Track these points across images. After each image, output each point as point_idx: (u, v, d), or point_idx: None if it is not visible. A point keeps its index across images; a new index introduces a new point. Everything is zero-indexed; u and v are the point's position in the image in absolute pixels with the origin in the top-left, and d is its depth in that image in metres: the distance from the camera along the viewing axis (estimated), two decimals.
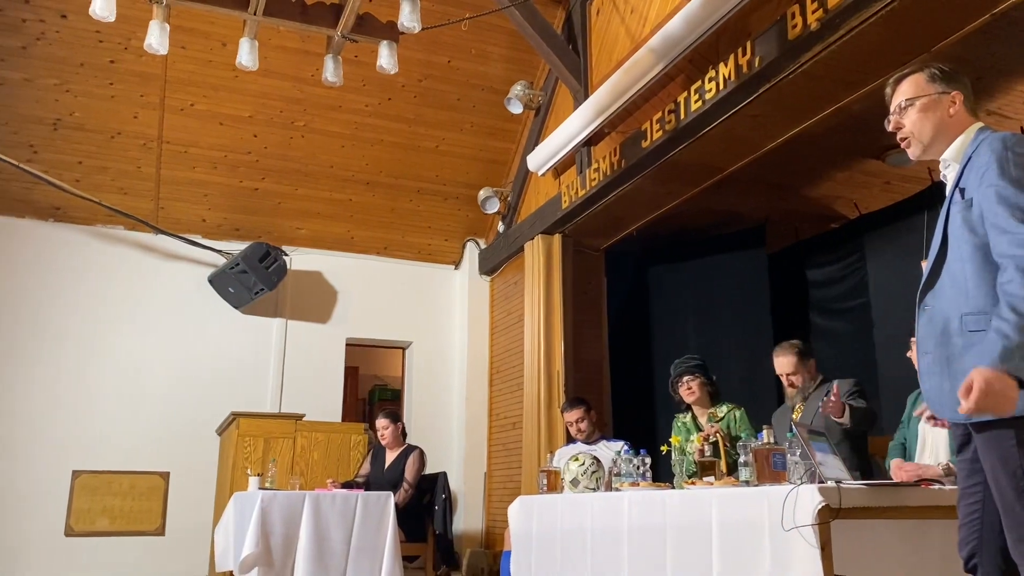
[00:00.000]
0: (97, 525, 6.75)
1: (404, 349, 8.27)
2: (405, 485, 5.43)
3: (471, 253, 8.11)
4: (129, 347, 7.03)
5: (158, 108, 6.53)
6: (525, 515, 4.33)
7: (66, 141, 6.59)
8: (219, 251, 7.19)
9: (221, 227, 7.39)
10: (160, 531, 6.90)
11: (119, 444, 6.86)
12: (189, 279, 7.27)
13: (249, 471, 5.43)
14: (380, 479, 5.58)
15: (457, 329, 8.10)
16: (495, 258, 7.73)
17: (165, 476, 6.99)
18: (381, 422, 5.68)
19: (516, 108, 6.71)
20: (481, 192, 7.38)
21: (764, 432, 3.06)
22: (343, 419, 7.58)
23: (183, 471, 6.99)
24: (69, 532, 6.66)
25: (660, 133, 5.08)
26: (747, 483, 3.05)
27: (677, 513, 3.10)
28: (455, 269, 8.27)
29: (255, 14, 4.08)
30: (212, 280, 7.21)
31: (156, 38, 4.06)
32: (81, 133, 6.58)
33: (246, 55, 4.26)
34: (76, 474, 6.75)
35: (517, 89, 6.68)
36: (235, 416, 5.97)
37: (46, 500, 6.61)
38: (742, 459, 3.14)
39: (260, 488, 5.04)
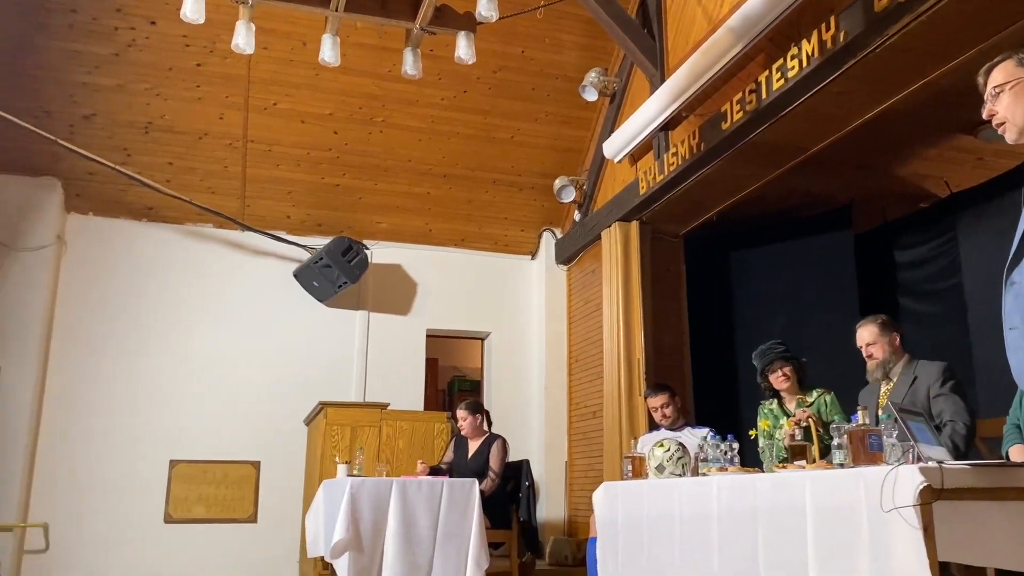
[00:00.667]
0: (194, 512, 7.03)
1: (483, 339, 8.34)
2: (491, 474, 5.47)
3: (547, 243, 8.12)
4: (220, 340, 7.29)
5: (242, 108, 6.74)
6: (610, 501, 4.32)
7: (157, 143, 6.86)
8: (303, 246, 7.39)
9: (304, 223, 7.59)
10: (252, 518, 7.14)
11: (213, 434, 7.13)
12: (275, 274, 7.50)
13: (337, 459, 5.56)
14: (464, 468, 5.63)
15: (535, 319, 8.14)
16: (572, 247, 7.73)
17: (256, 465, 7.23)
18: (461, 413, 5.72)
19: (591, 95, 6.69)
20: (556, 181, 7.38)
21: (859, 413, 2.99)
22: (425, 409, 7.70)
23: (273, 460, 7.22)
24: (168, 519, 6.96)
25: (741, 114, 4.99)
26: (841, 466, 2.98)
27: (769, 497, 3.05)
28: (531, 259, 8.30)
29: (336, 10, 4.17)
30: (297, 275, 7.41)
31: (243, 38, 4.18)
32: (171, 135, 6.84)
33: (328, 51, 4.35)
34: (173, 463, 7.05)
35: (592, 76, 6.66)
36: (323, 406, 6.12)
37: (146, 488, 6.92)
38: (836, 441, 3.07)
39: (348, 475, 5.15)
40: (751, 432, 4.14)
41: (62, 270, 7.02)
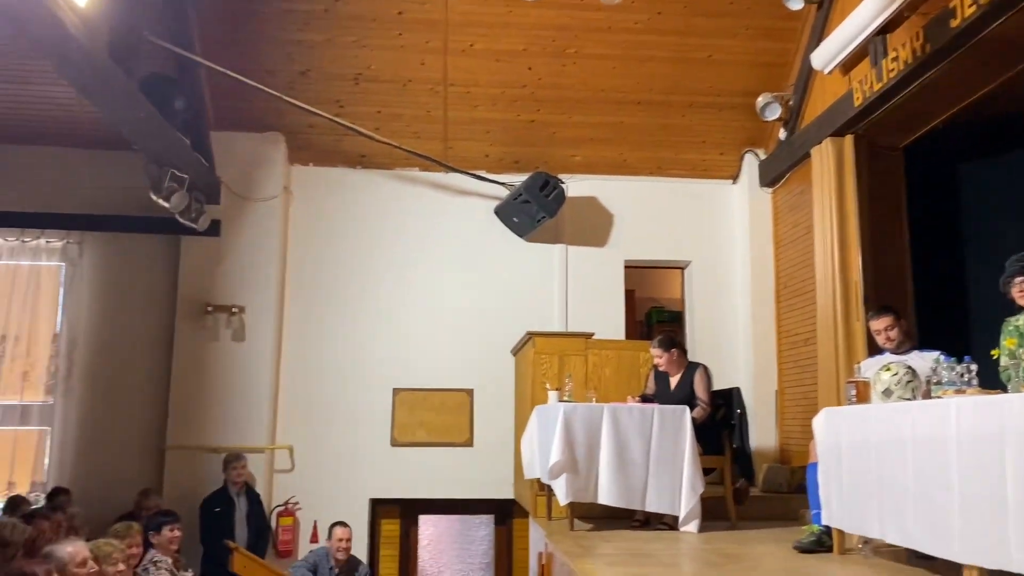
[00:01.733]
0: (416, 436, 7.56)
1: (683, 269, 8.24)
2: (701, 403, 5.44)
3: (750, 165, 7.82)
4: (432, 276, 7.71)
5: (442, 53, 6.94)
6: (832, 427, 4.21)
7: (366, 93, 7.24)
8: (503, 183, 7.58)
9: (502, 161, 7.77)
10: (469, 442, 7.58)
11: (430, 365, 7.59)
12: (478, 212, 7.77)
13: (547, 386, 5.75)
14: (668, 400, 5.60)
15: (738, 246, 7.91)
16: (777, 168, 7.39)
17: (470, 393, 7.63)
18: (655, 351, 5.65)
19: (796, 4, 6.28)
20: (759, 99, 7.01)
21: None
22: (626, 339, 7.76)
23: (485, 388, 7.60)
24: (394, 442, 7.53)
25: (973, 8, 4.51)
26: None
27: (1019, 418, 2.85)
28: (733, 183, 8.04)
29: None
30: (498, 211, 7.63)
31: None
32: (377, 84, 7.19)
33: None
34: (396, 392, 7.59)
35: None
36: (531, 336, 6.33)
37: (374, 415, 7.52)
38: None
39: (559, 402, 5.32)
40: (992, 352, 3.85)
41: (290, 218, 7.66)
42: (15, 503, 6.14)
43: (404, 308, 7.67)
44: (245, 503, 6.77)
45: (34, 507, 6.03)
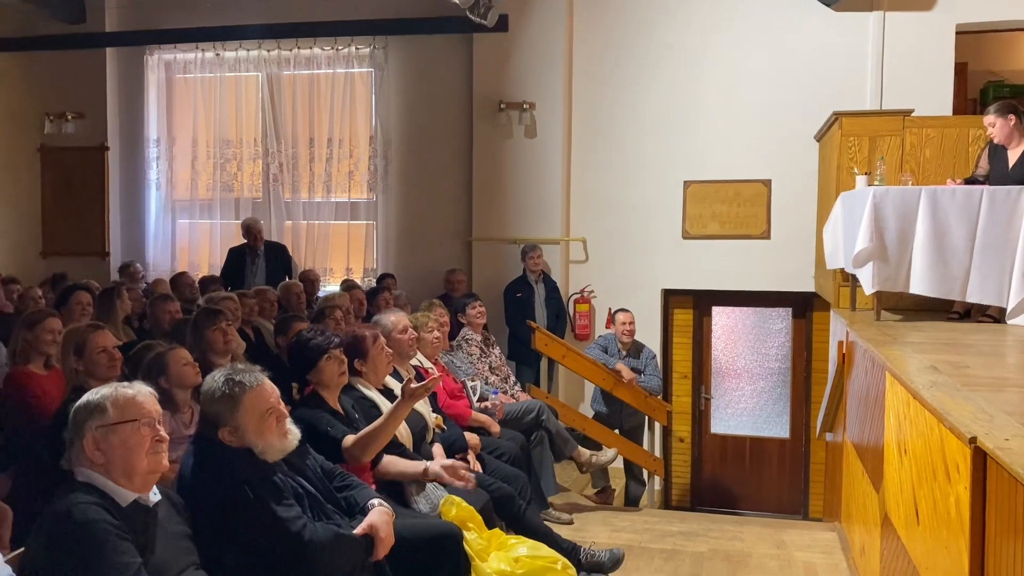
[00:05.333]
0: (708, 229, 7.41)
1: None
2: None
3: None
4: (725, 59, 7.20)
5: None
6: None
7: None
8: None
9: None
10: (766, 235, 7.28)
11: (723, 155, 7.26)
12: None
13: (855, 170, 5.27)
14: (1004, 179, 4.89)
15: None
16: None
17: (767, 183, 7.24)
18: (988, 119, 4.90)
19: None
20: None
21: None
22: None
23: (783, 178, 7.16)
24: (685, 235, 7.46)
25: None
26: None
27: None
28: None
29: None
30: None
31: None
32: None
33: None
34: (687, 184, 7.41)
35: None
36: (837, 116, 5.74)
37: (665, 208, 7.44)
38: None
39: (868, 187, 4.87)
40: None
41: (575, 5, 7.45)
42: (351, 286, 7.07)
43: (695, 95, 7.30)
44: (543, 289, 7.19)
45: (367, 289, 6.89)
